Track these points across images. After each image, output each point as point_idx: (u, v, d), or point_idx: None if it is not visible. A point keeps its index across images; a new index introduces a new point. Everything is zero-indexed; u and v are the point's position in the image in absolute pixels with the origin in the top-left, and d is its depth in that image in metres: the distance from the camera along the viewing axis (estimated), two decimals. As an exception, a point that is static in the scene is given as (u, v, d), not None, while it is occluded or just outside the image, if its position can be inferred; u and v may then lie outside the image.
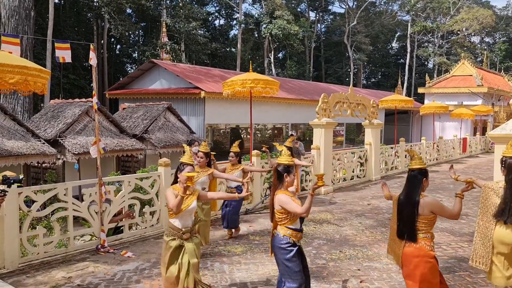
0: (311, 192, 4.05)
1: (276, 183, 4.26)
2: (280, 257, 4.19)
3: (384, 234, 7.68)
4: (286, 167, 4.22)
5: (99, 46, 31.22)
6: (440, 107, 19.66)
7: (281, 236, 4.20)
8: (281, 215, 4.20)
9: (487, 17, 44.38)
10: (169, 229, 4.37)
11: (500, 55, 51.04)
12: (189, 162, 4.51)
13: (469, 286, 5.36)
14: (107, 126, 12.84)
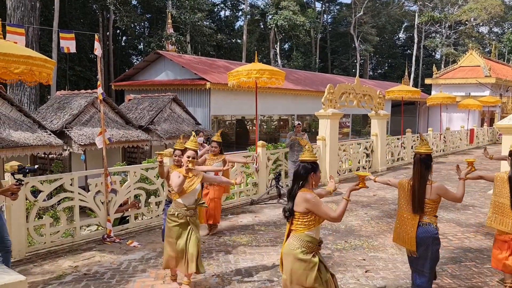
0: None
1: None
2: None
3: (390, 225, 7.66)
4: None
5: (105, 37, 31.22)
6: (447, 98, 19.49)
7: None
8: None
9: (495, 6, 43.78)
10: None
11: (509, 45, 50.37)
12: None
13: (474, 276, 5.34)
14: (113, 117, 12.88)
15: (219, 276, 5.28)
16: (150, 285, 5.04)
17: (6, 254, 4.80)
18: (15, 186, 4.52)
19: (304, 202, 3.60)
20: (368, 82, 31.45)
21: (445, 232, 7.23)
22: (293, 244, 3.60)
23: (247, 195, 9.50)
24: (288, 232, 3.73)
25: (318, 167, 3.80)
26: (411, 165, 4.56)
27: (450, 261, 5.85)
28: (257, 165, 9.48)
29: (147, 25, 38.41)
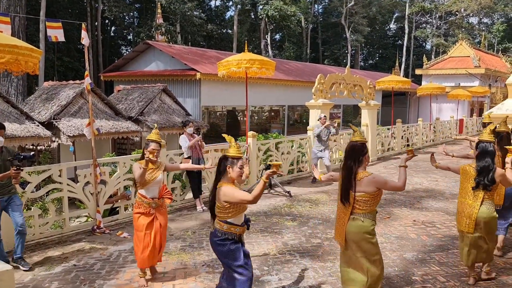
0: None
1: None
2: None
3: (379, 214, 7.71)
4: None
5: (93, 28, 30.83)
6: (437, 88, 19.59)
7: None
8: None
9: (485, -3, 43.87)
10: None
11: (498, 36, 50.74)
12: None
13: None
14: (102, 108, 12.76)
15: (209, 266, 5.29)
16: (140, 275, 5.03)
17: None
18: (14, 171, 4.73)
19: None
20: (359, 72, 31.48)
21: (434, 221, 7.31)
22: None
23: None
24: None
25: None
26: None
27: (437, 248, 5.92)
28: (248, 156, 9.47)
29: (136, 15, 37.96)
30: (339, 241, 4.08)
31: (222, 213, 3.75)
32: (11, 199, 5.21)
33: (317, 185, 10.32)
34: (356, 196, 3.86)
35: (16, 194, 5.32)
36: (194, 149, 7.92)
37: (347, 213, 3.94)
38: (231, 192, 3.67)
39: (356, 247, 3.91)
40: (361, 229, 3.87)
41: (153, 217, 4.83)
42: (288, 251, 5.82)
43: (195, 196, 8.11)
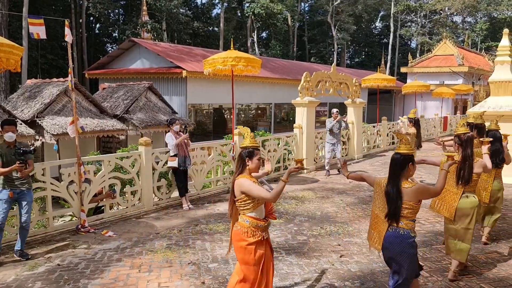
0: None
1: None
2: None
3: (365, 211, 7.80)
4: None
5: (77, 25, 30.45)
6: (422, 86, 19.81)
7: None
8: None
9: (469, -4, 44.46)
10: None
11: (481, 35, 51.48)
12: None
13: (444, 258, 5.49)
14: (86, 106, 12.62)
15: (195, 264, 5.28)
16: (126, 274, 5.00)
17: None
18: (19, 165, 5.19)
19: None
20: (345, 70, 31.66)
21: (418, 217, 7.39)
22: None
23: (224, 184, 9.50)
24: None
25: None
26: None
27: (421, 244, 6.00)
28: (234, 153, 9.47)
29: (122, 12, 37.61)
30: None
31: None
32: (22, 194, 5.45)
33: (303, 183, 10.37)
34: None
35: (29, 190, 5.55)
36: (181, 147, 7.90)
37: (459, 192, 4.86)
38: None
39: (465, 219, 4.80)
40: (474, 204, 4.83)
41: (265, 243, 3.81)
42: (274, 248, 5.83)
43: (181, 194, 8.08)
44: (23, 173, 5.34)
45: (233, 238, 3.74)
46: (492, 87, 10.76)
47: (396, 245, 3.65)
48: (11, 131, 5.38)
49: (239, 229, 3.68)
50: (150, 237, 6.30)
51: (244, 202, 3.65)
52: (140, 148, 7.68)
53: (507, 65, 10.52)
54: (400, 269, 3.66)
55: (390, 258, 3.74)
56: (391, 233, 3.69)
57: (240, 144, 3.80)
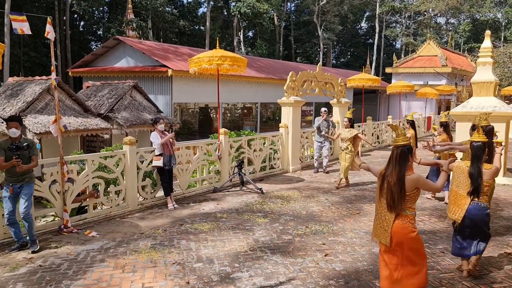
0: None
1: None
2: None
3: (349, 210, 7.85)
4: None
5: (61, 22, 30.03)
6: (406, 86, 20.02)
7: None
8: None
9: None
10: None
11: (464, 36, 52.29)
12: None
13: (428, 256, 5.52)
14: (70, 105, 12.46)
15: (180, 264, 5.25)
16: (109, 274, 4.95)
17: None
18: (15, 160, 5.36)
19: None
20: (331, 70, 31.84)
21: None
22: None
23: (210, 183, 9.47)
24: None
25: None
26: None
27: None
28: (220, 153, 9.45)
29: (107, 10, 37.19)
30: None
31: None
32: (22, 187, 5.62)
33: (288, 182, 10.40)
34: None
35: (29, 183, 5.71)
36: (166, 146, 7.84)
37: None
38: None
39: None
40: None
41: None
42: (259, 247, 5.84)
43: (166, 193, 8.03)
44: (21, 168, 5.44)
45: (401, 233, 3.82)
46: (474, 88, 10.92)
47: (479, 216, 4.67)
48: (14, 127, 5.54)
49: (406, 222, 3.85)
50: (134, 237, 6.24)
51: (414, 196, 3.91)
52: (125, 147, 7.60)
53: (488, 66, 10.69)
54: (484, 234, 4.78)
55: (473, 226, 4.72)
56: (474, 206, 4.69)
57: (393, 142, 4.01)
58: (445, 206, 8.21)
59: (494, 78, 10.66)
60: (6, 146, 5.51)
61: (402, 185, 3.81)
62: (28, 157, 5.60)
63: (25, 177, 5.64)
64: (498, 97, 12.48)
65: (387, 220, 3.88)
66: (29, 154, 5.62)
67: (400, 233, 3.82)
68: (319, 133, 11.65)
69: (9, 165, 5.44)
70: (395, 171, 3.85)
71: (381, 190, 3.97)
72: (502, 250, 5.81)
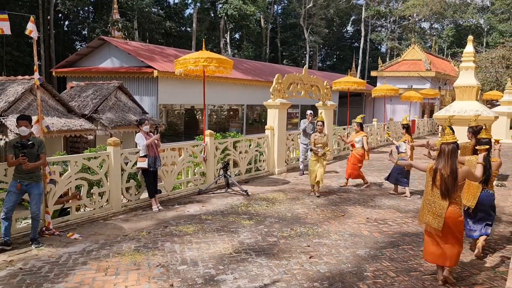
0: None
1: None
2: None
3: (334, 212, 7.89)
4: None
5: (45, 21, 29.61)
6: (391, 90, 20.26)
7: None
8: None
9: (436, 3, 45.85)
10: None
11: (448, 41, 53.13)
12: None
13: (411, 258, 5.62)
14: (53, 105, 12.28)
15: (164, 266, 5.20)
16: (91, 277, 4.87)
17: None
18: (21, 158, 5.47)
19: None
20: (317, 73, 32.02)
21: (386, 218, 7.55)
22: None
23: (195, 185, 9.42)
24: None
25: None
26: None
27: (389, 245, 6.12)
28: (205, 155, 9.41)
29: (92, 10, 36.81)
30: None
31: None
32: (30, 186, 5.72)
33: (274, 184, 10.40)
34: None
35: (38, 183, 5.81)
36: (151, 147, 7.77)
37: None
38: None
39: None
40: None
41: None
42: (244, 249, 5.83)
43: (151, 195, 7.96)
44: (27, 165, 5.53)
45: (452, 216, 4.62)
46: (457, 92, 11.09)
47: (489, 201, 5.63)
48: (24, 125, 5.69)
49: (457, 208, 4.68)
50: (117, 239, 6.17)
51: (462, 186, 4.83)
52: (109, 148, 7.51)
53: (471, 70, 10.87)
54: (491, 218, 5.70)
55: (482, 210, 5.60)
56: (485, 193, 5.60)
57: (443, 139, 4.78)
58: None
59: (476, 83, 10.84)
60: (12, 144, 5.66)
61: (455, 176, 4.59)
62: (36, 155, 5.72)
63: (32, 175, 5.73)
64: (480, 101, 12.71)
65: (441, 207, 4.64)
66: (37, 152, 5.73)
67: (452, 217, 4.62)
68: (305, 136, 11.69)
69: (16, 162, 5.57)
70: (447, 165, 4.62)
71: (433, 182, 4.71)
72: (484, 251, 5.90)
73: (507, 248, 6.00)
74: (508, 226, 7.16)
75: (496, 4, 53.00)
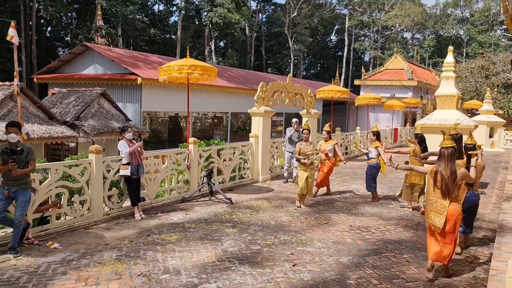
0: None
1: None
2: None
3: (318, 220, 7.90)
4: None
5: (27, 27, 29.22)
6: (374, 98, 20.50)
7: None
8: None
9: (418, 14, 46.77)
10: None
11: (429, 51, 54.14)
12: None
13: (393, 265, 5.65)
14: (34, 112, 12.09)
15: (145, 276, 5.13)
16: (71, 287, 4.77)
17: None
18: (11, 164, 5.49)
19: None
20: (301, 81, 32.24)
21: (369, 225, 7.59)
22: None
23: (178, 193, 9.34)
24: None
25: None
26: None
27: (372, 252, 6.15)
28: (189, 162, 9.35)
29: (75, 16, 36.48)
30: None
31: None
32: (18, 193, 5.71)
33: (258, 192, 10.39)
34: None
35: (25, 190, 5.77)
36: (134, 155, 7.69)
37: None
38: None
39: None
40: None
41: None
42: (227, 258, 5.79)
43: (134, 203, 7.86)
44: (16, 172, 5.55)
45: (454, 214, 5.07)
46: (438, 101, 11.26)
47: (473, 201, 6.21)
48: (14, 132, 5.71)
49: (458, 206, 5.14)
50: (98, 248, 6.06)
51: (460, 185, 5.33)
52: (91, 155, 7.41)
53: (451, 80, 11.06)
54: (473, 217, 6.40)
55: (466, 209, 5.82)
56: (470, 194, 6.12)
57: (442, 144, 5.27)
58: (410, 215, 8.41)
59: (456, 92, 11.03)
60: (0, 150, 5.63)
61: (454, 177, 5.05)
62: (25, 161, 5.72)
63: (20, 182, 5.71)
64: (460, 110, 12.94)
65: (442, 206, 5.09)
66: (26, 158, 5.73)
67: (454, 215, 5.05)
68: (290, 143, 11.72)
69: (5, 169, 5.56)
70: (447, 167, 5.09)
71: (435, 183, 5.16)
72: (464, 257, 5.98)
73: (487, 255, 6.09)
74: (488, 232, 7.27)
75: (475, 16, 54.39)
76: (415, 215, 8.49)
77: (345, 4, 49.51)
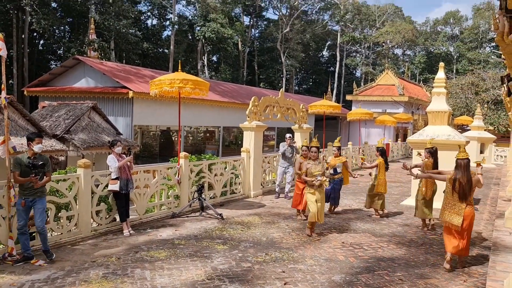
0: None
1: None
2: None
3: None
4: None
5: (19, 40, 29.12)
6: (366, 114, 20.59)
7: None
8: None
9: (408, 31, 47.49)
10: None
11: (420, 67, 54.83)
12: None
13: (386, 284, 5.55)
14: (23, 125, 11.92)
15: (132, 295, 4.98)
16: (55, 307, 4.61)
17: None
18: (33, 177, 5.80)
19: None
20: (293, 96, 32.36)
21: (361, 242, 7.50)
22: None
23: (169, 208, 9.20)
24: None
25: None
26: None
27: (364, 270, 6.05)
28: (179, 177, 9.24)
29: (68, 30, 36.46)
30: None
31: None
32: (35, 201, 5.95)
33: (249, 208, 10.27)
34: None
35: (41, 198, 6.04)
36: (123, 169, 7.57)
37: None
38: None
39: None
40: None
41: None
42: (217, 276, 5.65)
43: (122, 219, 7.71)
44: (37, 184, 5.86)
45: (469, 214, 6.04)
46: (430, 117, 11.31)
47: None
48: (40, 142, 6.02)
49: (472, 208, 6.10)
50: (85, 266, 5.90)
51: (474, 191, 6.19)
52: (79, 170, 7.27)
53: (442, 96, 11.13)
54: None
55: None
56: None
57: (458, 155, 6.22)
58: (403, 232, 8.33)
59: (447, 108, 11.09)
60: (21, 162, 5.88)
61: (470, 184, 6.05)
62: (43, 172, 5.97)
63: (37, 191, 5.95)
64: (451, 125, 13.00)
65: (460, 208, 6.05)
66: (43, 170, 5.98)
67: (469, 215, 6.03)
68: (284, 159, 11.68)
69: (26, 180, 5.83)
70: (465, 175, 6.04)
71: (453, 188, 6.09)
72: (457, 275, 5.90)
73: (480, 273, 6.02)
74: (481, 250, 7.21)
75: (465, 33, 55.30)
76: (407, 232, 8.42)
77: (337, 20, 50.14)
